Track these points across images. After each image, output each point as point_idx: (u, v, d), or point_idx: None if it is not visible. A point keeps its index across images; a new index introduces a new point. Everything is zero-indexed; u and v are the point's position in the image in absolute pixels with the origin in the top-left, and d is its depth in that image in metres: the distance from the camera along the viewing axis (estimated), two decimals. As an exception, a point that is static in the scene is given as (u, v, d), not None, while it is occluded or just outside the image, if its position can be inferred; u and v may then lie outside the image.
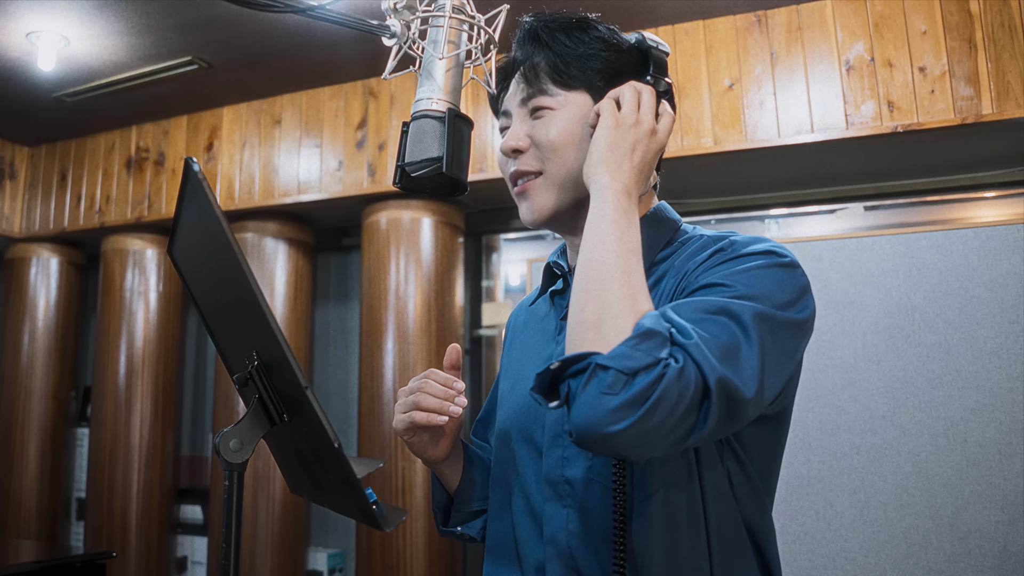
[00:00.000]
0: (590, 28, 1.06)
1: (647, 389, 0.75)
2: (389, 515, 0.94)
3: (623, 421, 0.75)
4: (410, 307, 3.34)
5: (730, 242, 0.96)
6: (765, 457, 1.00)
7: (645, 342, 0.78)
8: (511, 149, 1.05)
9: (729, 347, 0.81)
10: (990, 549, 2.21)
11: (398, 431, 1.08)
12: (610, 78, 1.03)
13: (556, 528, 0.99)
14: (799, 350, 0.92)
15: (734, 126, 2.89)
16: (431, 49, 1.06)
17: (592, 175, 0.94)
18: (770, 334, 0.85)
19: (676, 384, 0.76)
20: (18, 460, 4.03)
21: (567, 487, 0.99)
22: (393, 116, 3.43)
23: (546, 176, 1.04)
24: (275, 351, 0.93)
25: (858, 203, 3.28)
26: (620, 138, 0.95)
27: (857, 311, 2.46)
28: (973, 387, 2.30)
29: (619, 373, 0.76)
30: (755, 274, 0.89)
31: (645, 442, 0.78)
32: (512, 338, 1.25)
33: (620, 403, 0.75)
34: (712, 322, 0.83)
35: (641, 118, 0.96)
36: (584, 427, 0.78)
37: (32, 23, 2.93)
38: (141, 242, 4.00)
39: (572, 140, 1.02)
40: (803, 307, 0.91)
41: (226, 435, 0.97)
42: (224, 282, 1.03)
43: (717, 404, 0.78)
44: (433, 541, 3.22)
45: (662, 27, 3.01)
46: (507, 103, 1.09)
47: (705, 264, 0.94)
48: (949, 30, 2.66)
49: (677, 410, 0.77)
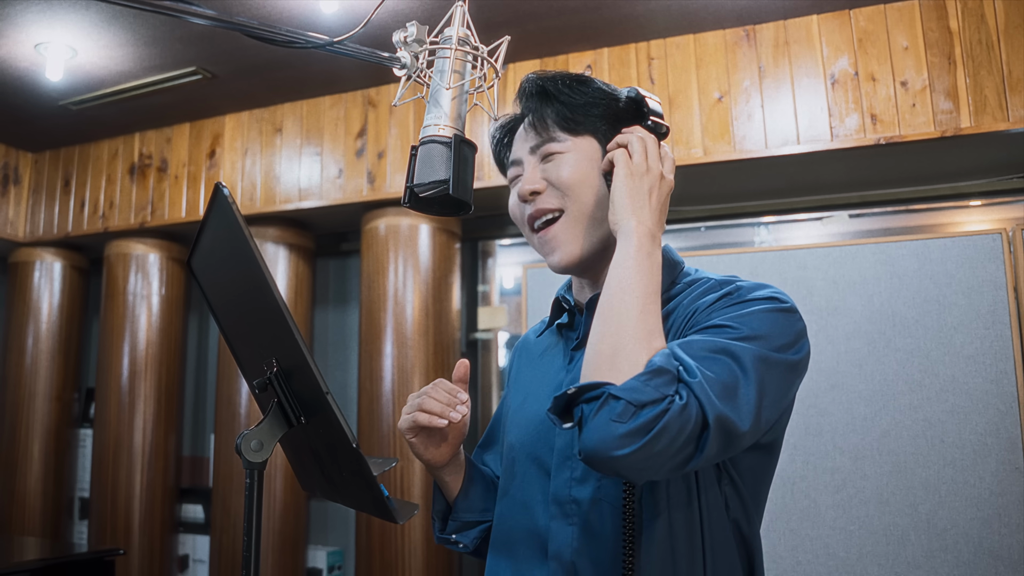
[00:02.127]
0: (588, 81, 1.14)
1: (652, 421, 0.84)
2: (401, 509, 1.02)
3: (628, 447, 0.84)
4: (408, 311, 3.42)
5: (736, 287, 1.05)
6: (757, 482, 1.09)
7: (655, 379, 0.87)
8: (529, 192, 1.12)
9: (729, 385, 0.90)
10: (965, 545, 2.30)
11: (401, 430, 1.16)
12: (613, 123, 1.12)
13: (561, 545, 1.07)
14: (792, 388, 1.01)
15: (723, 137, 2.98)
16: (438, 79, 1.13)
17: (619, 221, 1.02)
18: (767, 374, 0.94)
19: (678, 418, 0.85)
20: (22, 460, 4.10)
21: (574, 506, 1.07)
22: (392, 125, 3.51)
23: (567, 214, 1.11)
24: (297, 358, 1.00)
25: (843, 211, 3.38)
26: (637, 185, 1.03)
27: (840, 317, 2.55)
28: (950, 390, 2.39)
29: (629, 404, 0.85)
30: (758, 317, 0.98)
31: (646, 466, 0.87)
32: (519, 367, 1.32)
33: (627, 431, 0.84)
34: (716, 361, 0.92)
35: (651, 165, 1.05)
36: (593, 449, 0.87)
37: (41, 35, 3.00)
38: (144, 247, 4.07)
39: (585, 179, 1.10)
40: (798, 349, 1.00)
41: (247, 436, 1.04)
42: (246, 293, 1.10)
43: (714, 437, 0.88)
44: (431, 539, 3.30)
45: (654, 41, 3.10)
46: (516, 153, 1.17)
47: (714, 306, 1.02)
48: (930, 46, 2.76)
49: (677, 441, 0.86)
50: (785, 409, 1.04)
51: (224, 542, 3.65)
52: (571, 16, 2.93)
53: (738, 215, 3.54)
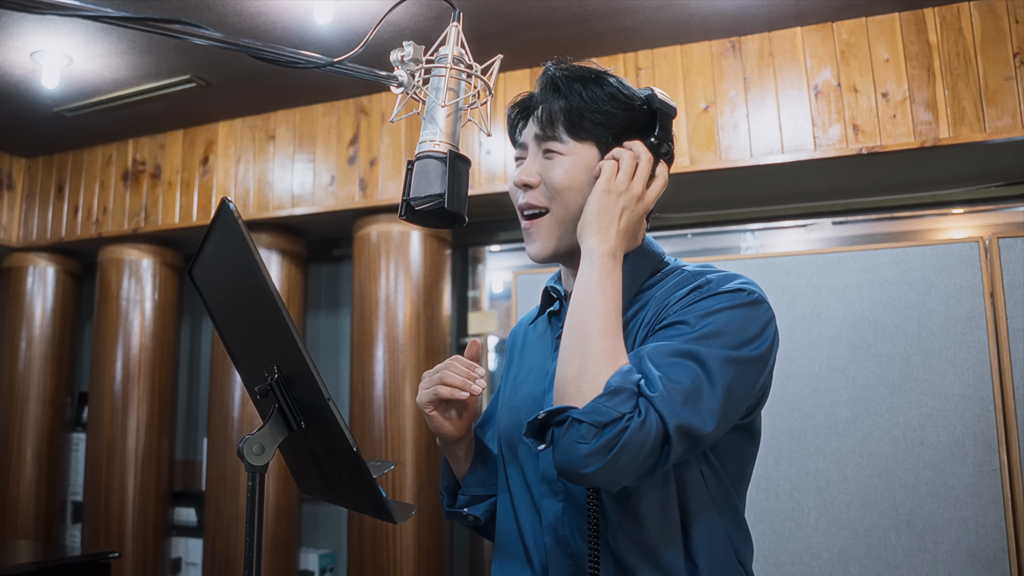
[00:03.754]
0: (604, 83, 1.15)
1: (614, 439, 0.91)
2: (399, 510, 1.07)
3: (594, 465, 0.92)
4: (400, 316, 3.46)
5: (706, 279, 1.09)
6: (738, 463, 1.14)
7: (613, 398, 0.94)
8: (523, 183, 1.17)
9: (691, 392, 0.96)
10: (943, 545, 2.36)
11: (421, 404, 1.20)
12: (618, 134, 1.13)
13: (552, 519, 1.13)
14: (759, 380, 1.06)
15: (709, 147, 3.04)
16: (433, 96, 1.17)
17: (584, 236, 1.08)
18: (730, 374, 0.99)
19: (638, 433, 0.92)
20: (15, 464, 4.12)
21: (560, 484, 1.13)
22: (384, 134, 3.55)
23: (552, 215, 1.15)
24: (298, 365, 1.04)
25: (826, 219, 3.45)
26: (611, 204, 1.08)
27: (823, 323, 2.60)
28: (929, 394, 2.45)
29: (591, 426, 0.92)
30: (723, 315, 1.03)
31: (613, 478, 0.94)
32: (513, 352, 1.37)
33: (591, 450, 0.92)
34: (679, 366, 0.98)
35: (632, 186, 1.09)
36: (563, 467, 0.95)
37: (37, 43, 3.04)
38: (137, 252, 4.10)
39: (576, 184, 1.13)
40: (762, 342, 1.05)
41: (249, 441, 1.07)
42: (249, 302, 1.14)
43: (676, 445, 0.94)
44: (422, 541, 3.34)
45: (641, 51, 3.16)
46: (525, 136, 1.20)
47: (682, 301, 1.07)
48: (910, 59, 2.83)
49: (640, 454, 0.92)
50: (760, 397, 1.09)
51: (217, 545, 3.68)
52: (560, 27, 2.98)
53: (724, 222, 3.60)
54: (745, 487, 1.17)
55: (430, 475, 3.40)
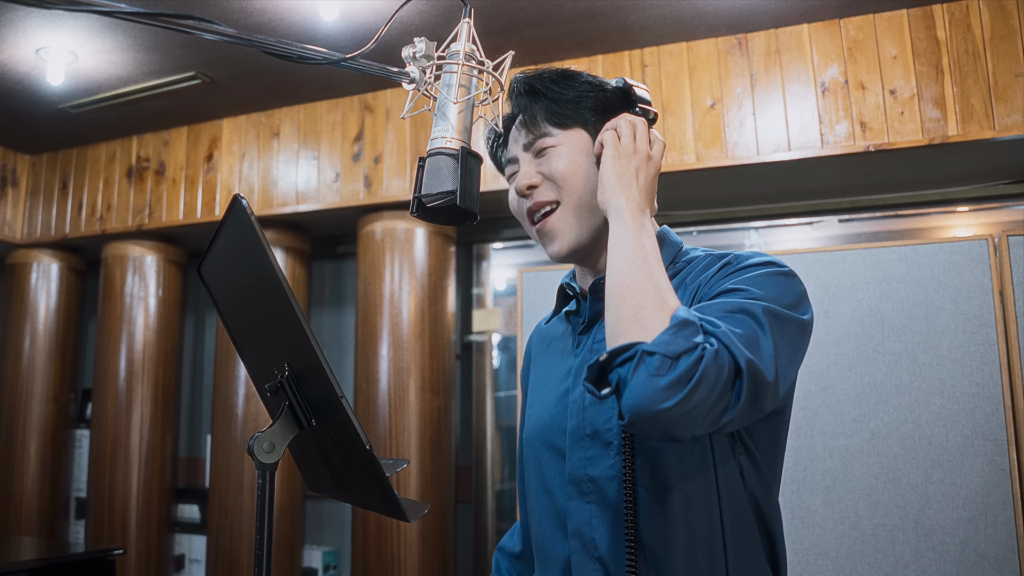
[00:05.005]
0: (575, 75, 1.18)
1: (690, 369, 0.85)
2: (411, 508, 1.06)
3: (672, 399, 0.85)
4: (404, 313, 3.46)
5: (735, 256, 1.09)
6: (772, 447, 1.12)
7: (683, 330, 0.89)
8: (526, 187, 1.16)
9: (750, 338, 0.93)
10: (952, 544, 2.36)
11: None
12: (602, 114, 1.16)
13: (580, 523, 1.10)
14: (803, 348, 1.03)
15: (715, 144, 3.03)
16: (445, 92, 1.17)
17: (608, 200, 1.06)
18: (779, 329, 0.97)
19: (714, 364, 0.87)
20: (19, 460, 4.12)
21: (590, 484, 1.10)
22: (389, 130, 3.55)
23: (564, 205, 1.14)
24: (310, 362, 1.03)
25: (833, 216, 3.44)
26: (624, 166, 1.08)
27: (831, 321, 2.59)
28: (937, 393, 2.44)
29: (664, 357, 0.86)
30: (761, 280, 1.02)
31: (690, 418, 0.87)
32: (531, 356, 1.35)
33: (668, 382, 0.85)
34: (733, 319, 0.94)
35: (638, 146, 1.09)
36: (637, 407, 0.87)
37: (42, 39, 3.03)
38: (141, 249, 4.10)
39: (579, 169, 1.14)
40: (804, 310, 1.04)
41: (259, 438, 1.06)
42: (260, 299, 1.13)
43: (748, 384, 0.89)
44: (426, 539, 3.34)
45: (647, 48, 3.15)
46: (511, 151, 1.20)
47: (716, 276, 1.06)
48: (918, 55, 2.81)
49: (716, 388, 0.87)
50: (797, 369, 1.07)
51: (220, 542, 3.68)
52: (566, 24, 2.97)
53: (730, 220, 3.59)
54: (780, 470, 1.15)
55: (434, 472, 3.40)
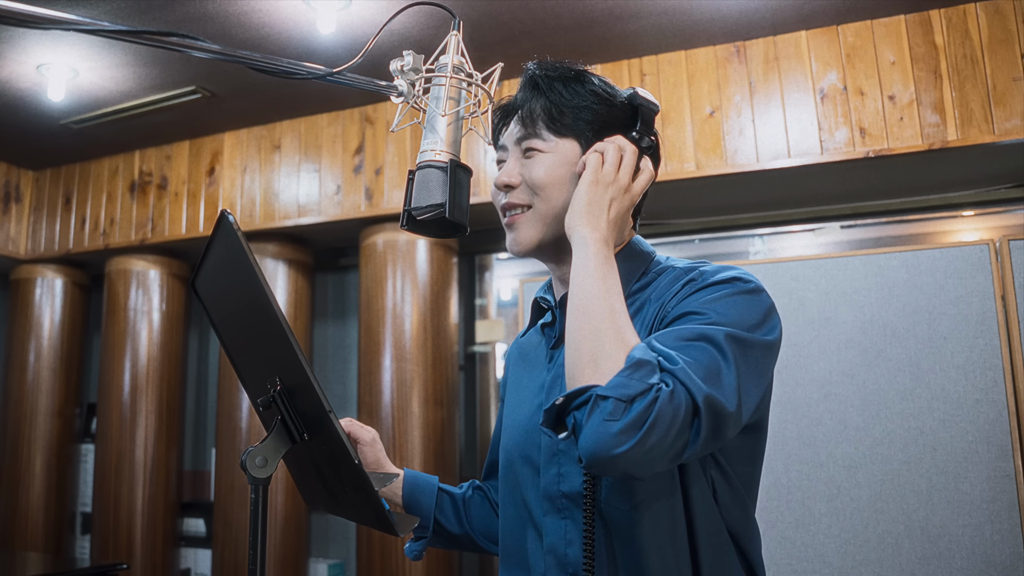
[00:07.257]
0: (586, 81, 1.15)
1: (644, 412, 0.84)
2: (401, 522, 1.06)
3: (625, 444, 0.84)
4: (407, 325, 3.46)
5: (699, 272, 1.06)
6: (746, 464, 1.10)
7: (638, 371, 0.87)
8: (504, 184, 1.16)
9: (711, 368, 0.91)
10: (958, 551, 2.34)
11: None
12: (599, 130, 1.13)
13: (555, 539, 1.09)
14: (769, 369, 1.02)
15: (715, 151, 3.03)
16: (434, 105, 1.17)
17: (574, 227, 1.05)
18: (743, 355, 0.96)
19: (669, 405, 0.85)
20: (25, 475, 4.13)
21: (564, 500, 1.09)
22: (389, 142, 3.55)
23: (534, 210, 1.14)
24: (300, 377, 1.03)
25: (835, 222, 3.43)
26: (599, 194, 1.06)
27: (833, 328, 2.58)
28: (941, 399, 2.43)
29: (618, 401, 0.85)
30: (724, 302, 1.00)
31: (647, 460, 0.86)
32: (508, 370, 1.34)
33: (622, 427, 0.84)
34: (693, 347, 0.93)
35: (619, 177, 1.07)
36: (592, 452, 0.86)
37: (43, 56, 3.05)
38: (145, 263, 4.11)
39: (558, 181, 1.12)
40: (770, 328, 1.02)
41: (252, 453, 1.06)
42: (250, 314, 1.13)
43: (706, 420, 0.87)
44: (432, 550, 3.32)
45: (646, 57, 3.15)
46: (505, 139, 1.20)
47: (679, 295, 1.04)
48: (916, 61, 2.81)
49: (672, 429, 0.85)
50: (765, 390, 1.05)
51: (226, 555, 3.67)
52: (564, 34, 2.98)
53: (731, 227, 3.59)
54: (756, 486, 1.14)
55: (438, 484, 3.38)
